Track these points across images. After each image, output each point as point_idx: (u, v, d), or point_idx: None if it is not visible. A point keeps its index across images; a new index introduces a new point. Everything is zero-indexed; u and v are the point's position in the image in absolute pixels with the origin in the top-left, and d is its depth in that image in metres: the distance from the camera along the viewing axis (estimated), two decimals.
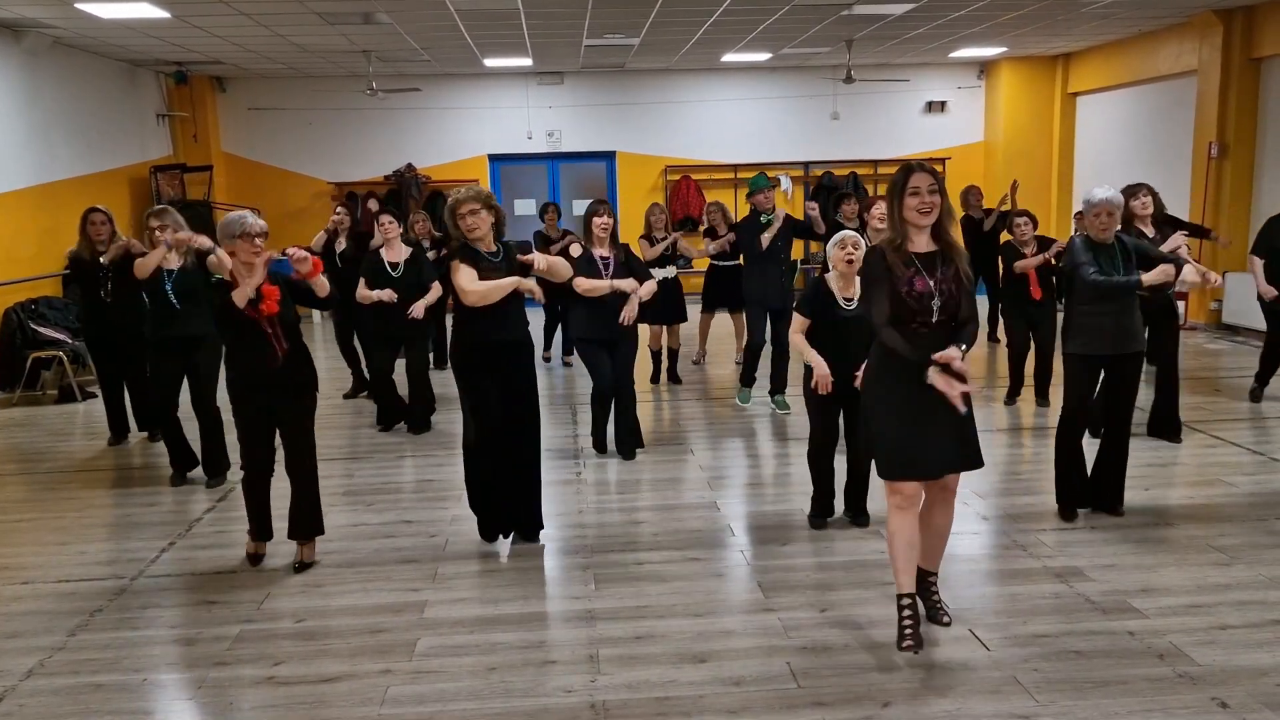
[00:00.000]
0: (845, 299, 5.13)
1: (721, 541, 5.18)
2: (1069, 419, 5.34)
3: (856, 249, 5.07)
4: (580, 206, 6.88)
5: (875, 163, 15.03)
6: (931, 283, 3.73)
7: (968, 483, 5.97)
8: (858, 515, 5.35)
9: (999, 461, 6.63)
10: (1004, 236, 8.60)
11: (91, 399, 9.05)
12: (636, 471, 6.50)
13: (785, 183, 15.15)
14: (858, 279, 5.05)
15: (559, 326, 10.08)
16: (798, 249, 9.43)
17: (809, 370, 5.18)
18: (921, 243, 3.77)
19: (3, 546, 5.43)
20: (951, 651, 3.89)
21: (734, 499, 5.90)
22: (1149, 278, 4.95)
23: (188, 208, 12.97)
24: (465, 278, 4.84)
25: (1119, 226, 5.16)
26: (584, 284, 6.42)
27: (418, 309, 7.23)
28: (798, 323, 5.21)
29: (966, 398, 3.65)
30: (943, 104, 15.33)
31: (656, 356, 9.29)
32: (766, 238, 7.56)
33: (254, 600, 4.57)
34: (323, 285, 4.74)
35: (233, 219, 4.70)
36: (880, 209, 9.15)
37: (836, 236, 5.21)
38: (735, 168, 15.00)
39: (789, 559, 4.91)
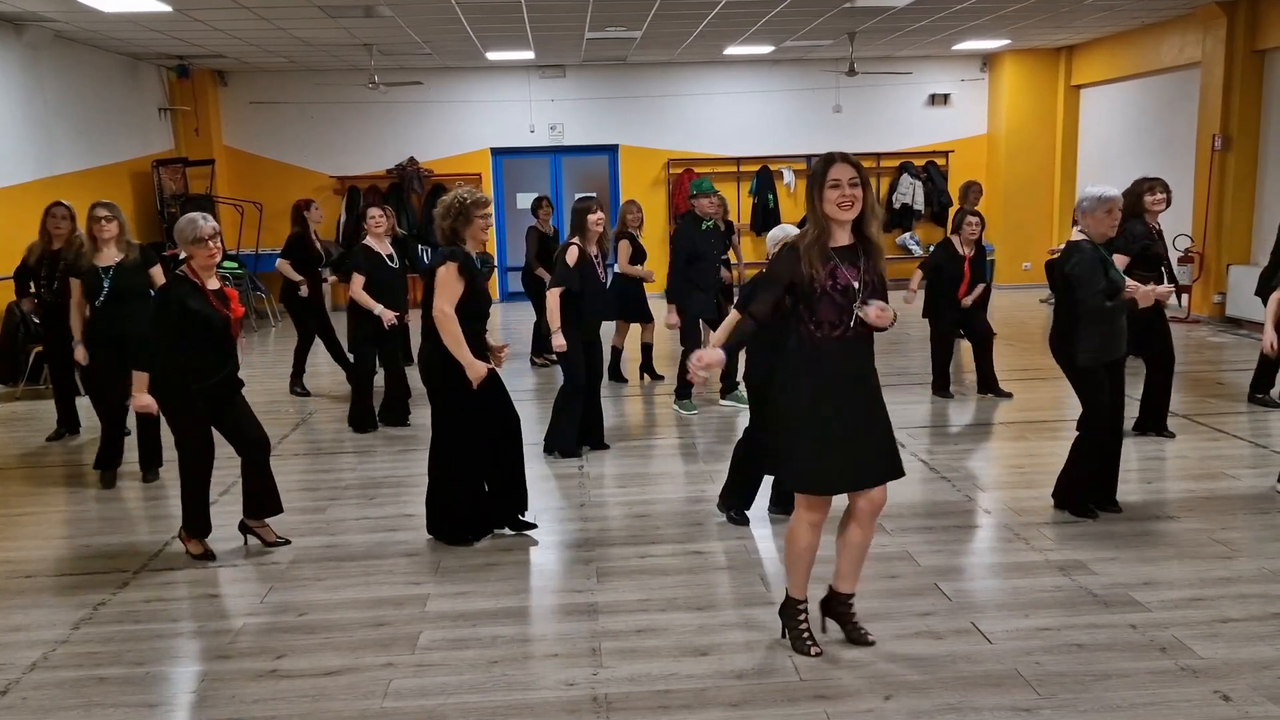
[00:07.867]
0: None
1: (724, 535, 5.17)
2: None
3: None
4: None
5: (878, 155, 14.99)
6: (854, 277, 3.53)
7: (971, 478, 5.98)
8: (731, 508, 5.32)
9: (1000, 455, 6.63)
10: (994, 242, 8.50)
11: None
12: (638, 466, 6.50)
13: (788, 176, 15.14)
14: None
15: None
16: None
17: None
18: (842, 238, 3.59)
19: (6, 540, 5.45)
20: (953, 644, 3.89)
21: None
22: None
23: (191, 202, 13.01)
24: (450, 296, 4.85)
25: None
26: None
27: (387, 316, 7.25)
28: (732, 314, 5.29)
29: (880, 407, 3.68)
30: (946, 97, 15.27)
31: (616, 354, 8.94)
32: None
33: (256, 594, 4.58)
34: None
35: (184, 224, 4.67)
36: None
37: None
38: (738, 160, 14.97)
39: None
